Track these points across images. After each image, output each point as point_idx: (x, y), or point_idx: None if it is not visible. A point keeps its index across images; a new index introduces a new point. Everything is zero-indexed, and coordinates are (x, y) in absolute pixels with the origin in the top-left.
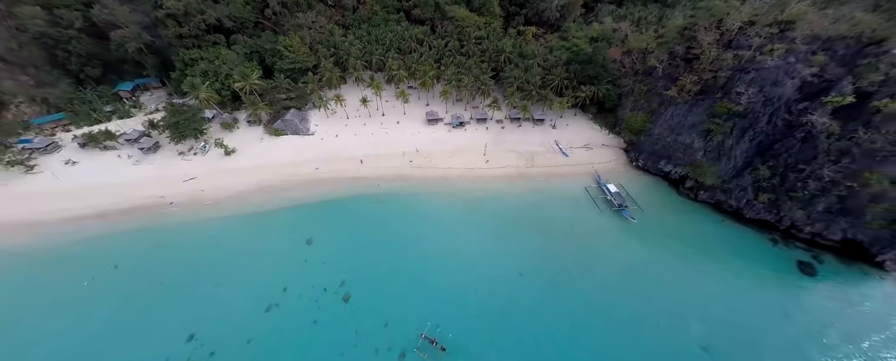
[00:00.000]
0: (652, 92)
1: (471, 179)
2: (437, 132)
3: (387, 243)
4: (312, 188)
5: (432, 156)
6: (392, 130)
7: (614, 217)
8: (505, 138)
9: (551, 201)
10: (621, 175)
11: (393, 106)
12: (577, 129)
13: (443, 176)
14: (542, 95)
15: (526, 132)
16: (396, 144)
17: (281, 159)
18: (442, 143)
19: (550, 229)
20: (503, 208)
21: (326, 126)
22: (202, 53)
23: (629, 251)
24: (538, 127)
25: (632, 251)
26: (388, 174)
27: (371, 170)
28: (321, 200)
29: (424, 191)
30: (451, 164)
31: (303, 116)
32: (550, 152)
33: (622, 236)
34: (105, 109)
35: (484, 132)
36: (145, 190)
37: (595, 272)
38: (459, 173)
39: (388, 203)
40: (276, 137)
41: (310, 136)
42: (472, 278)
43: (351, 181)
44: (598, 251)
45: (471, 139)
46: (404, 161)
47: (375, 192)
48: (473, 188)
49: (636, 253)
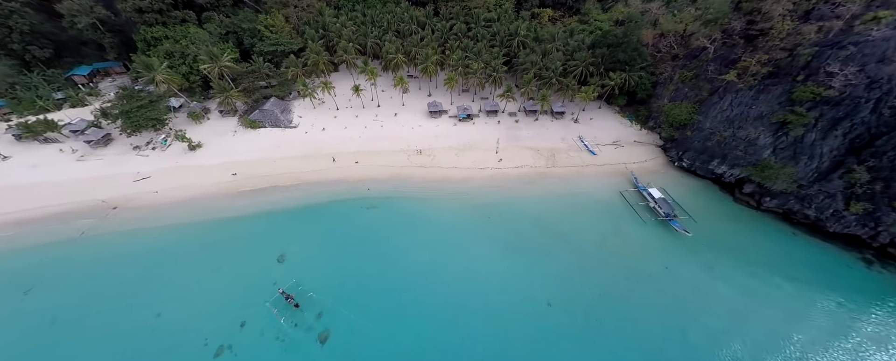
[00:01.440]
0: (700, 78)
1: (481, 180)
2: (441, 126)
3: (379, 259)
4: (290, 190)
5: (435, 153)
6: (388, 124)
7: (660, 229)
8: (519, 133)
9: (579, 207)
10: (660, 177)
11: (390, 96)
12: (603, 123)
13: (447, 177)
14: (563, 84)
15: (543, 127)
16: (393, 139)
17: (255, 156)
18: (446, 138)
19: (581, 243)
20: (521, 216)
21: (312, 118)
22: (168, 31)
23: (685, 273)
24: (557, 121)
25: (689, 273)
26: (383, 174)
27: (363, 169)
28: (300, 204)
29: (426, 194)
30: (457, 162)
31: (285, 106)
32: (574, 149)
33: (674, 254)
34: (54, 96)
35: (495, 126)
36: (85, 191)
37: (644, 301)
38: (467, 173)
39: (383, 209)
40: (252, 129)
41: (292, 129)
42: (487, 308)
43: (338, 182)
44: (646, 272)
45: (480, 134)
46: (402, 159)
47: (367, 195)
48: (484, 192)
49: (696, 277)
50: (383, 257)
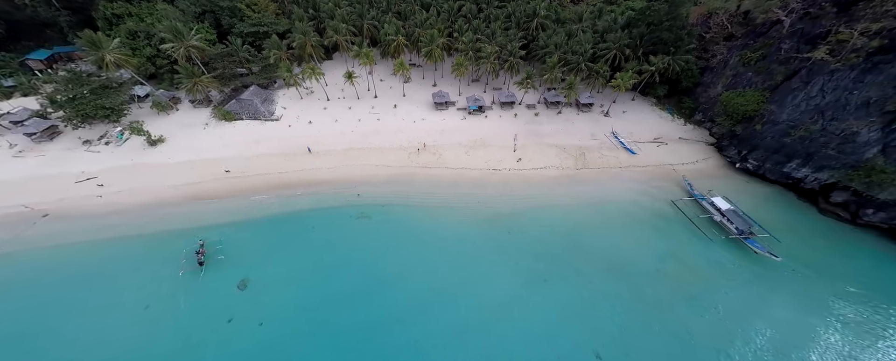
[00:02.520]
0: (771, 59)
1: (497, 184)
2: (449, 119)
3: (369, 285)
4: (264, 195)
5: (441, 151)
6: (387, 117)
7: (734, 251)
8: (540, 128)
9: (622, 221)
10: (718, 182)
11: (389, 86)
12: (638, 117)
13: (456, 179)
14: (592, 70)
15: (568, 121)
16: (392, 134)
17: (227, 153)
18: (455, 133)
19: (631, 269)
20: (550, 231)
21: (297, 110)
22: (131, 7)
23: (787, 315)
24: (584, 114)
25: (794, 316)
26: (379, 176)
27: (355, 169)
28: (274, 213)
29: (430, 201)
30: (467, 162)
31: (267, 96)
32: (607, 147)
33: (763, 285)
34: (3, 84)
35: (511, 120)
36: (13, 195)
37: (736, 357)
38: (480, 175)
39: (376, 219)
40: (226, 122)
41: (273, 121)
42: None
43: (323, 186)
44: (728, 311)
45: (494, 129)
46: (402, 157)
47: (357, 202)
48: (502, 199)
49: (805, 322)
50: (373, 283)
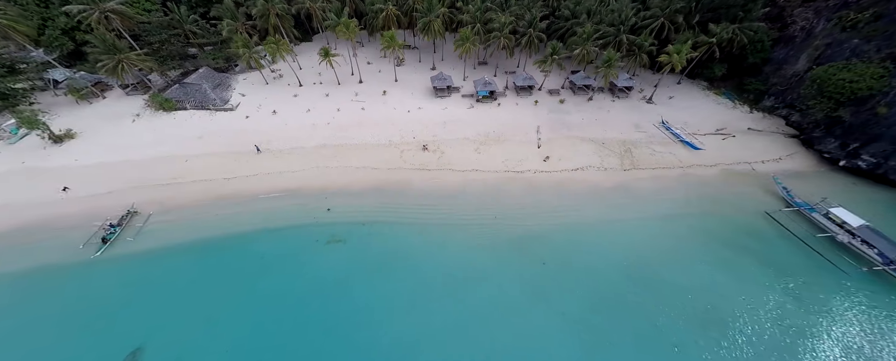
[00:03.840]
0: (891, 18)
1: (520, 192)
2: (453, 108)
3: (336, 351)
4: (199, 212)
5: (444, 148)
6: (374, 105)
7: (887, 291)
8: (569, 117)
9: (700, 242)
10: (811, 185)
11: (377, 69)
12: (689, 104)
13: (464, 186)
14: (633, 44)
15: (602, 109)
16: (380, 127)
17: (158, 152)
18: (461, 126)
19: (736, 323)
20: (600, 258)
21: (259, 97)
22: None
23: None
24: (621, 101)
25: None
26: (361, 182)
27: (328, 173)
28: (206, 237)
29: (430, 217)
30: (478, 162)
31: (221, 80)
32: (658, 141)
33: None
34: None
35: (531, 109)
36: None
37: None
38: (496, 179)
39: (353, 245)
40: (164, 113)
41: (226, 112)
42: None
43: (283, 196)
44: None
45: (511, 120)
46: (393, 156)
47: (327, 219)
48: (528, 212)
49: None
50: (345, 346)
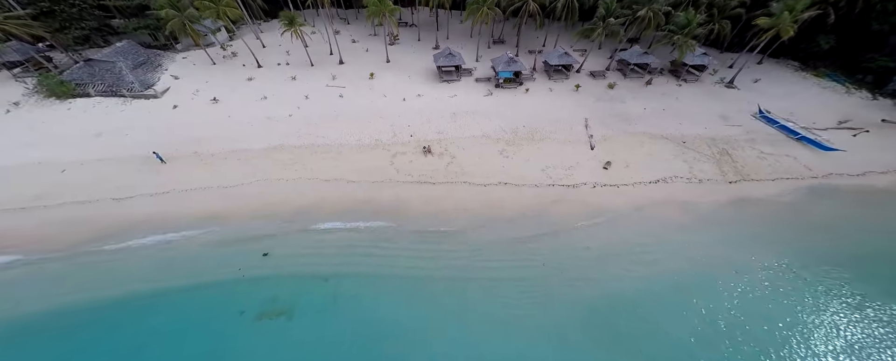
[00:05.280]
0: None
1: (573, 218)
2: (464, 95)
3: None
4: (57, 258)
5: (454, 149)
6: (357, 92)
7: None
8: (623, 107)
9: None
10: None
11: (364, 48)
12: (785, 89)
13: (488, 208)
14: (715, 5)
15: (667, 95)
16: (364, 120)
17: (22, 159)
18: (476, 118)
19: None
20: (748, 351)
21: (199, 80)
22: None
23: None
24: (691, 86)
25: None
26: (328, 204)
27: (281, 189)
28: (65, 304)
29: (430, 265)
30: (506, 171)
31: (148, 57)
32: (763, 139)
33: None
34: None
35: (571, 96)
36: None
37: None
38: (535, 197)
39: (302, 320)
40: (57, 101)
41: (148, 99)
42: None
43: (199, 228)
44: None
45: (545, 110)
46: (379, 163)
47: (261, 272)
48: (593, 257)
49: None
50: None
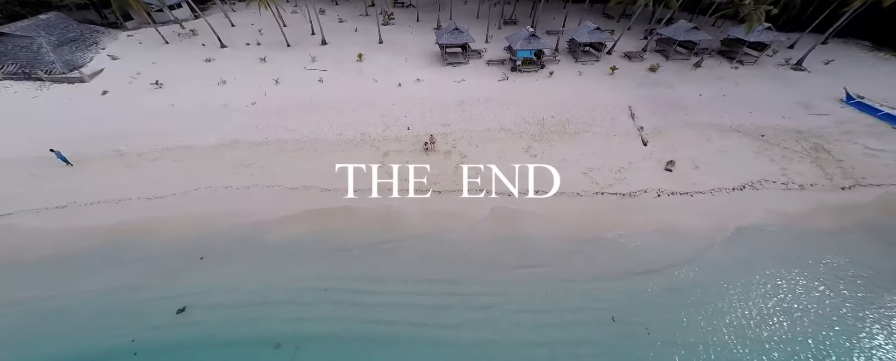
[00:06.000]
0: None
1: (638, 243)
2: (474, 80)
3: None
4: None
5: (464, 145)
6: (341, 76)
7: None
8: (672, 93)
9: None
10: None
11: (353, 28)
12: (864, 71)
13: (515, 228)
14: None
15: (722, 79)
16: (349, 109)
17: None
18: (491, 108)
19: None
20: None
21: (143, 61)
22: None
23: None
24: (748, 68)
25: None
26: (293, 218)
27: (224, 201)
28: None
29: (437, 322)
30: (537, 174)
31: (80, 33)
32: (863, 131)
33: None
34: None
35: (606, 80)
36: None
37: None
38: (578, 211)
39: None
40: None
41: (72, 85)
42: None
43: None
44: None
45: (576, 97)
46: (367, 159)
47: (177, 334)
48: (680, 303)
49: None
50: None
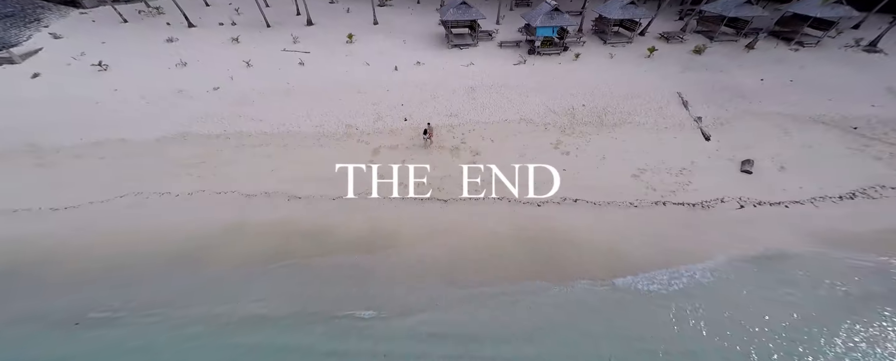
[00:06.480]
0: None
1: (733, 288)
2: (485, 63)
3: None
4: None
5: (473, 140)
6: (328, 58)
7: None
8: (725, 78)
9: None
10: None
11: (344, 8)
12: None
13: (555, 255)
14: None
15: (783, 62)
16: (332, 96)
17: None
18: (506, 94)
19: None
20: None
21: (90, 41)
22: None
23: None
24: (810, 50)
25: None
26: (246, 238)
27: (149, 218)
28: None
29: None
30: (572, 176)
31: (21, 8)
32: None
33: None
34: None
35: (643, 63)
36: None
37: None
38: (640, 229)
39: None
40: None
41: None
42: None
43: None
44: None
45: (609, 82)
46: (348, 163)
47: None
48: None
49: None
50: None
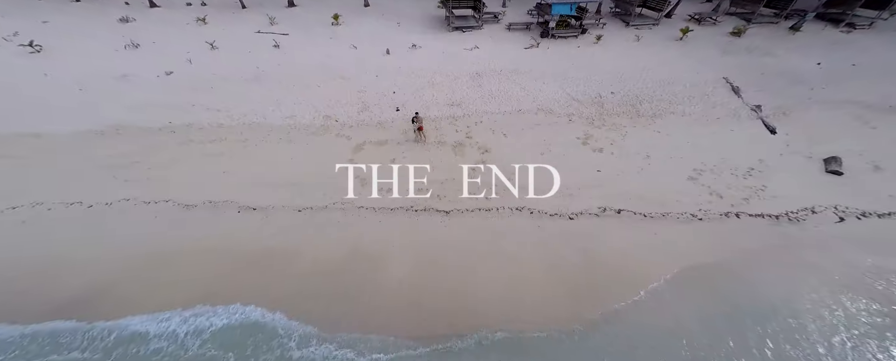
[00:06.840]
0: None
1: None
2: (491, 47)
3: None
4: None
5: (480, 133)
6: (308, 40)
7: None
8: (775, 62)
9: None
10: None
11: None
12: None
13: (599, 288)
14: None
15: (837, 45)
16: (308, 82)
17: None
18: (517, 82)
19: None
20: None
21: (32, 18)
22: None
23: None
24: (863, 33)
25: None
26: (184, 263)
27: (66, 232)
28: None
29: None
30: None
31: None
32: None
33: None
34: None
35: (675, 47)
36: None
37: None
38: (698, 248)
39: None
40: None
41: None
42: None
43: None
44: None
45: (639, 69)
46: (329, 164)
47: None
48: None
49: None
50: None
